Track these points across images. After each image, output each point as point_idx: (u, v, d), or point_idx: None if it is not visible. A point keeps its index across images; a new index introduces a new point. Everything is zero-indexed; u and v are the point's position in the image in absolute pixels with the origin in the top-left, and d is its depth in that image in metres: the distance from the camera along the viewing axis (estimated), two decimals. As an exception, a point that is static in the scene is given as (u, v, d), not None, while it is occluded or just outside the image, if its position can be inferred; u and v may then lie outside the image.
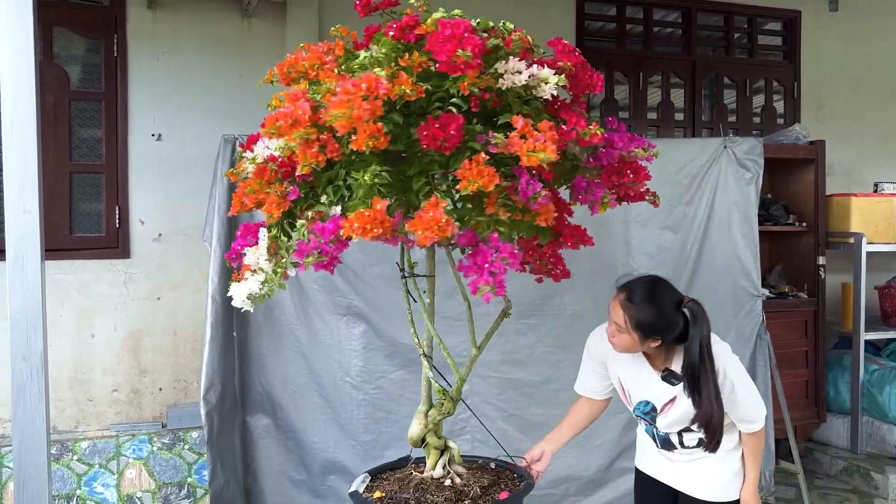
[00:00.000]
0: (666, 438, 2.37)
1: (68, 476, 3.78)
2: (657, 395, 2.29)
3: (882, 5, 5.72)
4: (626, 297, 2.18)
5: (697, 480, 2.38)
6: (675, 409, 2.26)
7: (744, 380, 2.26)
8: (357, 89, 1.47)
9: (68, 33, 4.05)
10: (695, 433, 2.31)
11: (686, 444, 2.35)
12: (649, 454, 2.50)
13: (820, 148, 4.62)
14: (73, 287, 4.00)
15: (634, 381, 2.34)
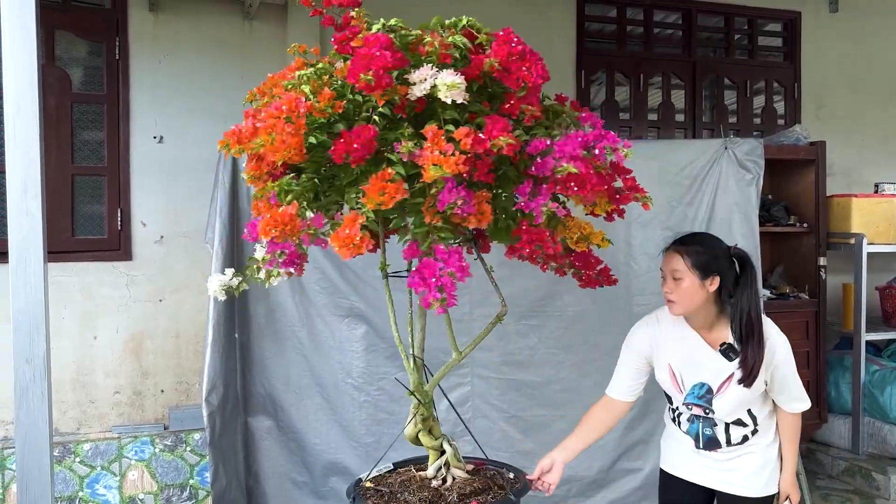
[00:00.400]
0: (712, 437, 2.32)
1: (70, 478, 3.78)
2: (713, 373, 2.27)
3: (882, 6, 5.72)
4: (679, 243, 2.27)
5: (738, 478, 2.35)
6: (731, 389, 2.25)
7: (791, 358, 2.30)
8: (279, 112, 1.58)
9: (70, 36, 4.06)
10: (743, 428, 2.31)
11: (732, 442, 2.32)
12: (681, 455, 2.44)
13: (820, 149, 4.63)
14: (76, 289, 4.01)
15: (688, 364, 2.31)
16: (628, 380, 2.42)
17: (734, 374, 2.24)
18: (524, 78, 1.65)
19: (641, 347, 2.41)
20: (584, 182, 1.61)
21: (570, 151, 1.60)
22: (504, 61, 1.67)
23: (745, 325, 2.21)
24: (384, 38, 1.64)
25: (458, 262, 1.58)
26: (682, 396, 2.35)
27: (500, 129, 1.59)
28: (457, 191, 1.56)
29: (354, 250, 1.56)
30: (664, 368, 2.36)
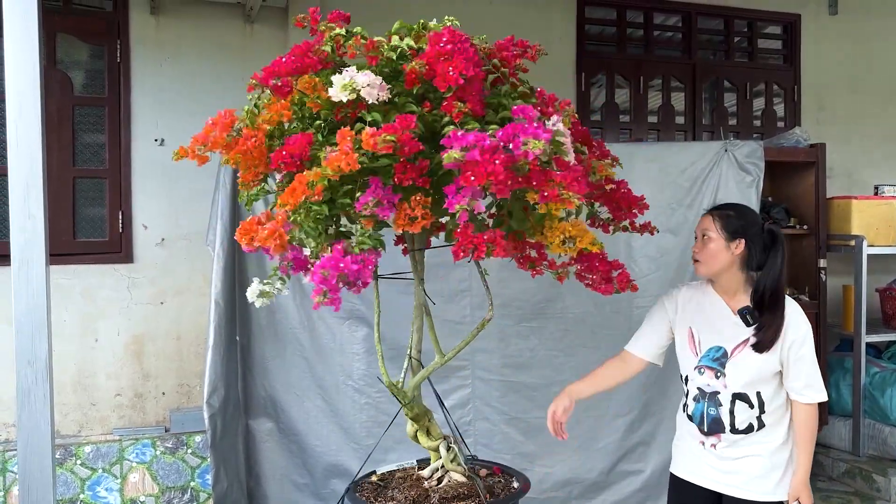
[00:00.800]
0: (716, 417, 2.31)
1: (72, 480, 3.79)
2: (729, 336, 2.32)
3: (882, 7, 5.73)
4: (714, 208, 2.41)
5: (745, 480, 2.32)
6: (746, 354, 2.28)
7: (811, 341, 2.30)
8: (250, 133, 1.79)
9: (72, 39, 4.08)
10: (748, 410, 2.29)
11: (737, 426, 2.30)
12: (689, 455, 2.44)
13: (820, 151, 4.63)
14: (77, 292, 4.02)
15: (708, 326, 2.36)
16: (648, 338, 2.49)
17: (749, 339, 2.29)
18: (445, 77, 1.65)
19: (667, 309, 2.48)
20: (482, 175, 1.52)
21: (465, 143, 1.55)
22: (431, 61, 1.68)
23: (768, 296, 2.28)
24: (305, 45, 1.74)
25: (334, 262, 1.61)
26: (696, 359, 2.37)
27: (403, 126, 1.59)
28: (377, 193, 1.60)
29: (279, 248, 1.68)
30: (684, 332, 2.41)
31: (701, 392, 2.35)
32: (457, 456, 2.19)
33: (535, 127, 1.57)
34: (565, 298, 3.68)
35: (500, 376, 3.67)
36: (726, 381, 2.30)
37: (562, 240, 1.75)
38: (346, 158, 1.55)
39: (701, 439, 2.38)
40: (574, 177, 1.60)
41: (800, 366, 2.28)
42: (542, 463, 3.67)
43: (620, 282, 1.89)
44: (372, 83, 1.65)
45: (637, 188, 3.81)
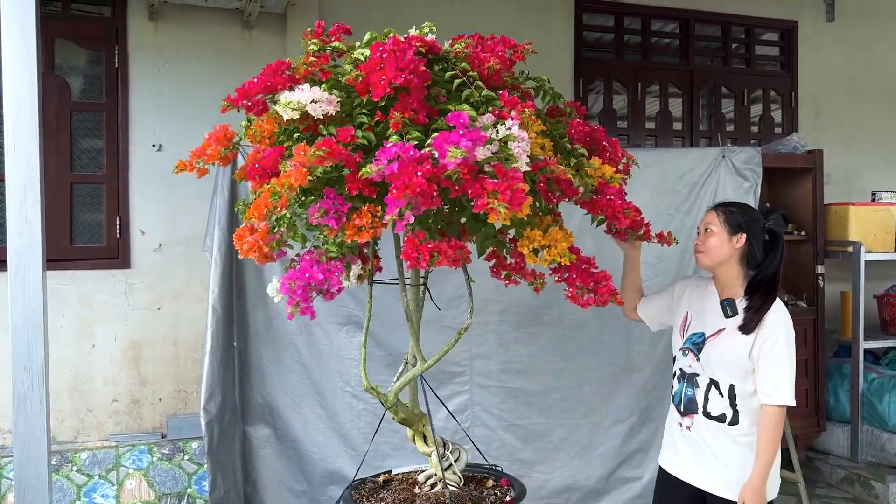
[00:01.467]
0: (692, 398, 2.41)
1: (68, 487, 3.77)
2: (710, 323, 2.43)
3: (878, 14, 5.75)
4: (719, 204, 2.51)
5: (727, 479, 2.35)
6: (719, 342, 2.37)
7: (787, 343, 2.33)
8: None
9: (70, 45, 4.07)
10: (720, 399, 2.35)
11: (710, 411, 2.37)
12: (670, 443, 2.51)
13: (818, 157, 4.64)
14: (74, 297, 4.01)
15: (698, 313, 2.47)
16: (656, 304, 2.66)
17: (726, 327, 2.38)
18: (377, 86, 1.65)
19: (674, 290, 2.62)
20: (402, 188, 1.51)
21: (389, 155, 1.55)
22: (367, 70, 1.69)
23: (763, 284, 2.38)
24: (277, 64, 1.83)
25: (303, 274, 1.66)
26: (681, 341, 2.50)
27: (342, 139, 1.62)
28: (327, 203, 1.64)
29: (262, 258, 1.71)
30: (681, 315, 2.54)
31: (682, 373, 2.47)
32: (452, 465, 2.18)
33: (460, 134, 1.54)
34: (563, 304, 3.62)
35: (499, 382, 3.67)
36: (702, 365, 2.41)
37: (531, 249, 1.73)
38: (296, 173, 1.58)
39: (679, 420, 2.48)
40: (508, 186, 1.54)
41: (770, 365, 2.31)
42: (540, 469, 3.67)
43: (601, 294, 1.84)
44: (318, 99, 1.67)
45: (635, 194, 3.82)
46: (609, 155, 2.10)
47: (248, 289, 3.52)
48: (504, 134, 1.60)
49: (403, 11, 4.55)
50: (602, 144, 2.09)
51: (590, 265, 1.84)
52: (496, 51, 1.90)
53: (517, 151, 1.61)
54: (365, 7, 4.56)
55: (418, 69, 1.65)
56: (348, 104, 1.77)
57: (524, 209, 1.56)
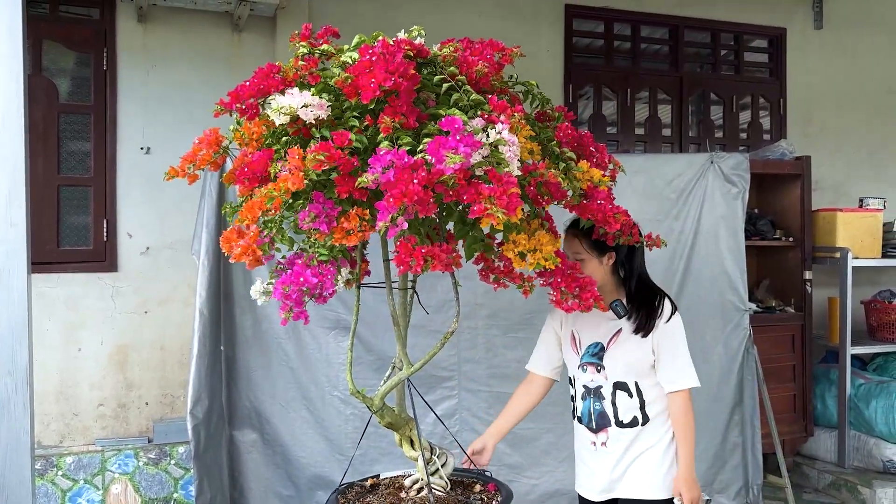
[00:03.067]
0: (602, 412, 2.37)
1: (53, 492, 3.74)
2: (605, 332, 2.39)
3: (866, 21, 5.80)
4: (572, 225, 2.38)
5: (637, 480, 2.35)
6: (619, 344, 2.35)
7: (679, 329, 2.37)
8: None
9: (58, 46, 4.06)
10: (629, 400, 2.35)
11: (621, 419, 2.35)
12: (584, 468, 2.47)
13: (806, 163, 4.67)
14: (60, 300, 3.98)
15: (587, 327, 2.43)
16: (544, 353, 2.56)
17: (623, 328, 2.36)
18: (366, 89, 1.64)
19: (552, 325, 2.54)
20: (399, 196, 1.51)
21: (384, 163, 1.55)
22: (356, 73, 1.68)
23: (636, 283, 2.39)
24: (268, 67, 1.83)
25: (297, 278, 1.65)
26: (578, 358, 2.44)
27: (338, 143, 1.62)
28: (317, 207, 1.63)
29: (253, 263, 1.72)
30: (567, 337, 2.48)
31: (586, 389, 2.42)
32: (438, 469, 2.18)
33: (457, 140, 1.53)
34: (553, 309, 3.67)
35: (487, 387, 3.66)
36: (606, 372, 2.38)
37: (517, 253, 1.72)
38: (292, 178, 1.58)
39: (592, 439, 2.42)
40: (503, 190, 1.54)
41: (671, 354, 2.34)
42: (528, 475, 3.66)
43: (585, 299, 1.84)
44: (309, 103, 1.67)
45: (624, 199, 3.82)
46: (596, 160, 2.09)
47: (235, 293, 3.50)
48: (494, 138, 1.59)
49: (393, 16, 4.56)
50: (589, 150, 2.09)
51: (574, 270, 1.84)
52: (484, 54, 1.90)
53: (508, 156, 1.61)
54: (354, 12, 4.56)
55: (408, 72, 1.64)
56: (338, 107, 1.76)
57: (517, 213, 1.56)
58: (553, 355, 2.55)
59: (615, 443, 2.37)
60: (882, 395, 4.55)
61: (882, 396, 4.54)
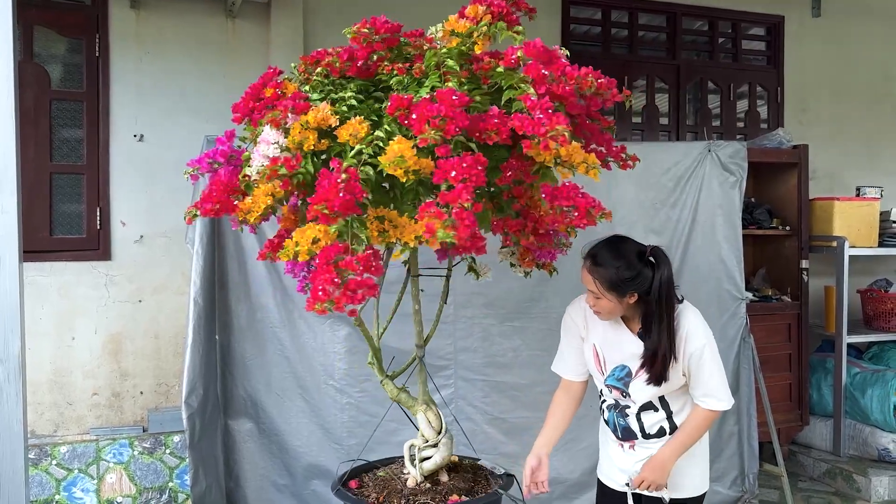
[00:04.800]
0: (626, 427, 2.33)
1: (47, 481, 3.72)
2: (632, 356, 2.27)
3: (864, 10, 5.77)
4: (592, 262, 2.22)
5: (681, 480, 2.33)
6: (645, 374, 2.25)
7: (710, 349, 2.23)
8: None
9: (49, 32, 4.01)
10: (654, 414, 2.29)
11: (648, 432, 2.31)
12: (609, 460, 2.44)
13: (803, 152, 4.65)
14: (53, 289, 3.95)
15: (611, 345, 2.31)
16: (571, 360, 2.45)
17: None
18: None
19: (575, 326, 2.43)
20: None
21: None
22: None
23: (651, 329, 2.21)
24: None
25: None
26: (603, 378, 2.35)
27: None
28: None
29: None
30: (590, 347, 2.38)
31: (611, 404, 2.36)
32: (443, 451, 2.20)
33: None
34: (549, 298, 3.66)
35: (483, 376, 3.65)
36: (632, 399, 2.30)
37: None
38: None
39: (619, 443, 2.38)
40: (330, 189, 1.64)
41: (699, 376, 2.23)
42: (524, 463, 3.65)
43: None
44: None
45: (621, 187, 3.82)
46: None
47: (230, 281, 3.48)
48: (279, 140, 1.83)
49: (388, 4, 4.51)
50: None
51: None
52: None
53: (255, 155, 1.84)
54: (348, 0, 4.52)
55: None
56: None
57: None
58: (581, 359, 2.43)
59: (643, 449, 2.33)
60: (877, 384, 4.55)
61: (877, 385, 4.55)
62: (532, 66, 1.70)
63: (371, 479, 2.33)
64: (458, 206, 1.57)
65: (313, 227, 1.61)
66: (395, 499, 2.14)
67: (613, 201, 3.72)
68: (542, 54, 1.74)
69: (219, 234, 3.44)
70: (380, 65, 1.90)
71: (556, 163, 1.66)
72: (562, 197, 1.72)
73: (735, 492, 3.94)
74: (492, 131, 1.65)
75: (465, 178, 1.57)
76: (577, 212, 1.73)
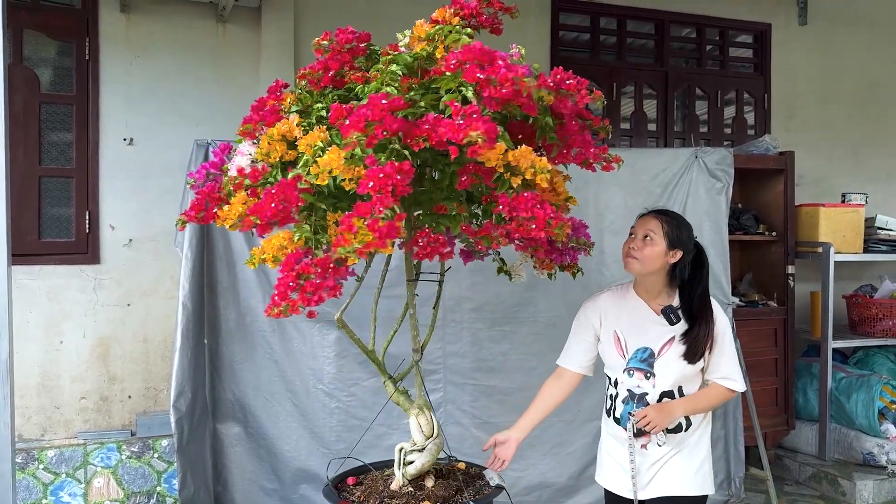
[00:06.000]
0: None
1: (34, 485, 3.71)
2: (655, 336, 2.34)
3: (850, 18, 5.84)
4: (659, 211, 2.42)
5: (671, 478, 2.33)
6: (672, 352, 2.30)
7: (729, 334, 2.39)
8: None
9: (39, 36, 4.00)
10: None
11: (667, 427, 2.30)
12: (617, 467, 2.42)
13: (789, 158, 4.70)
14: (42, 293, 3.94)
15: (633, 329, 2.37)
16: (578, 353, 2.49)
17: (675, 337, 2.32)
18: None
19: (588, 321, 2.47)
20: None
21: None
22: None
23: (698, 305, 2.35)
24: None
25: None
26: (624, 362, 2.37)
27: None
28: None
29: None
30: (609, 337, 2.41)
31: (630, 394, 2.36)
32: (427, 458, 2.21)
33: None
34: (537, 303, 3.68)
35: (472, 380, 3.66)
36: (655, 380, 2.33)
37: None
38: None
39: (630, 441, 2.36)
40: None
41: (721, 356, 2.34)
42: (512, 467, 3.64)
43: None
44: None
45: (609, 193, 3.85)
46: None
47: (219, 285, 3.48)
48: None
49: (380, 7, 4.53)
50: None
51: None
52: None
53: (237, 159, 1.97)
54: (340, 3, 4.53)
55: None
56: None
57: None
58: (588, 351, 2.48)
59: (656, 447, 2.34)
60: (862, 389, 4.59)
61: (862, 390, 4.59)
62: (469, 70, 1.69)
63: (365, 480, 2.36)
64: (369, 217, 1.57)
65: (278, 236, 1.65)
66: (373, 500, 2.17)
67: (601, 207, 3.75)
68: (479, 57, 1.71)
69: (208, 238, 3.44)
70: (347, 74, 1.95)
71: (507, 169, 1.67)
72: (520, 208, 1.71)
73: (721, 496, 3.97)
74: (421, 137, 1.64)
75: (380, 190, 1.57)
76: (536, 223, 1.71)
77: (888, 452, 4.47)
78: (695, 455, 2.37)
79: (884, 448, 4.48)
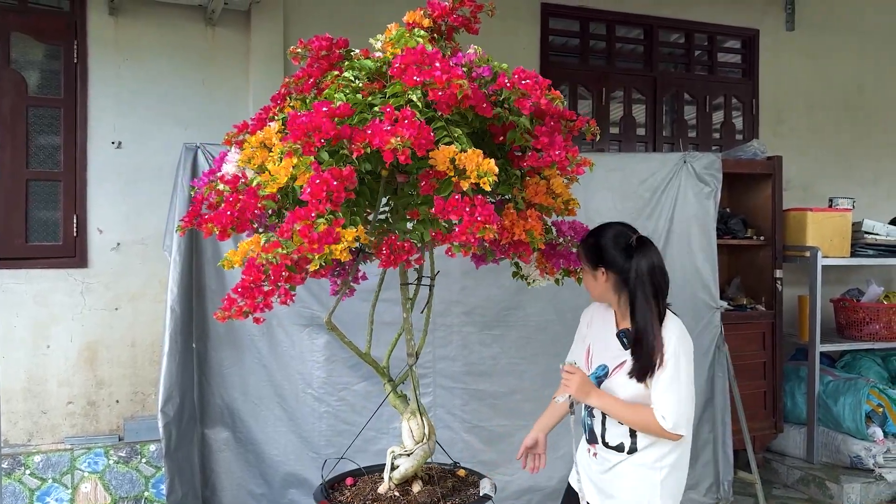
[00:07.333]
0: (591, 428, 2.34)
1: (20, 491, 3.68)
2: (612, 357, 2.29)
3: (837, 24, 5.88)
4: (582, 239, 2.30)
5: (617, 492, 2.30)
6: (617, 376, 2.24)
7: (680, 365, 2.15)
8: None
9: (27, 39, 3.98)
10: (620, 427, 2.25)
11: (608, 441, 2.28)
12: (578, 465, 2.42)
13: (777, 163, 4.73)
14: (29, 296, 3.91)
15: (599, 344, 2.36)
16: (578, 356, 2.48)
17: (626, 361, 2.22)
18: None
19: (581, 328, 2.50)
20: None
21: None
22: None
23: (635, 315, 2.19)
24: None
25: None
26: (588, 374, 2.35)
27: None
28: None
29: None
30: (585, 346, 2.43)
31: (587, 407, 2.37)
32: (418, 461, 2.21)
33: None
34: (528, 307, 3.68)
35: (462, 384, 3.66)
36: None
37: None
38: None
39: (587, 447, 2.40)
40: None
41: (654, 384, 2.16)
42: (502, 471, 3.67)
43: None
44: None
45: (599, 197, 3.86)
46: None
47: (207, 289, 3.47)
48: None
49: (370, 11, 4.53)
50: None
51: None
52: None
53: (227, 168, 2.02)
54: (330, 7, 4.53)
55: None
56: None
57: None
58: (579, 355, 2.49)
59: (602, 460, 2.33)
60: (850, 392, 4.62)
61: (850, 393, 4.62)
62: (408, 73, 1.68)
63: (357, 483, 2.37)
64: (302, 223, 1.58)
65: (248, 241, 1.69)
66: (357, 502, 2.17)
67: (591, 212, 3.75)
68: (419, 59, 1.69)
69: (197, 242, 3.43)
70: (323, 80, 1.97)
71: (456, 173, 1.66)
72: (448, 211, 1.66)
73: (710, 499, 3.98)
74: (361, 143, 1.63)
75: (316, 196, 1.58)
76: (459, 227, 1.65)
77: (875, 455, 4.50)
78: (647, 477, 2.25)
79: (871, 451, 4.51)
